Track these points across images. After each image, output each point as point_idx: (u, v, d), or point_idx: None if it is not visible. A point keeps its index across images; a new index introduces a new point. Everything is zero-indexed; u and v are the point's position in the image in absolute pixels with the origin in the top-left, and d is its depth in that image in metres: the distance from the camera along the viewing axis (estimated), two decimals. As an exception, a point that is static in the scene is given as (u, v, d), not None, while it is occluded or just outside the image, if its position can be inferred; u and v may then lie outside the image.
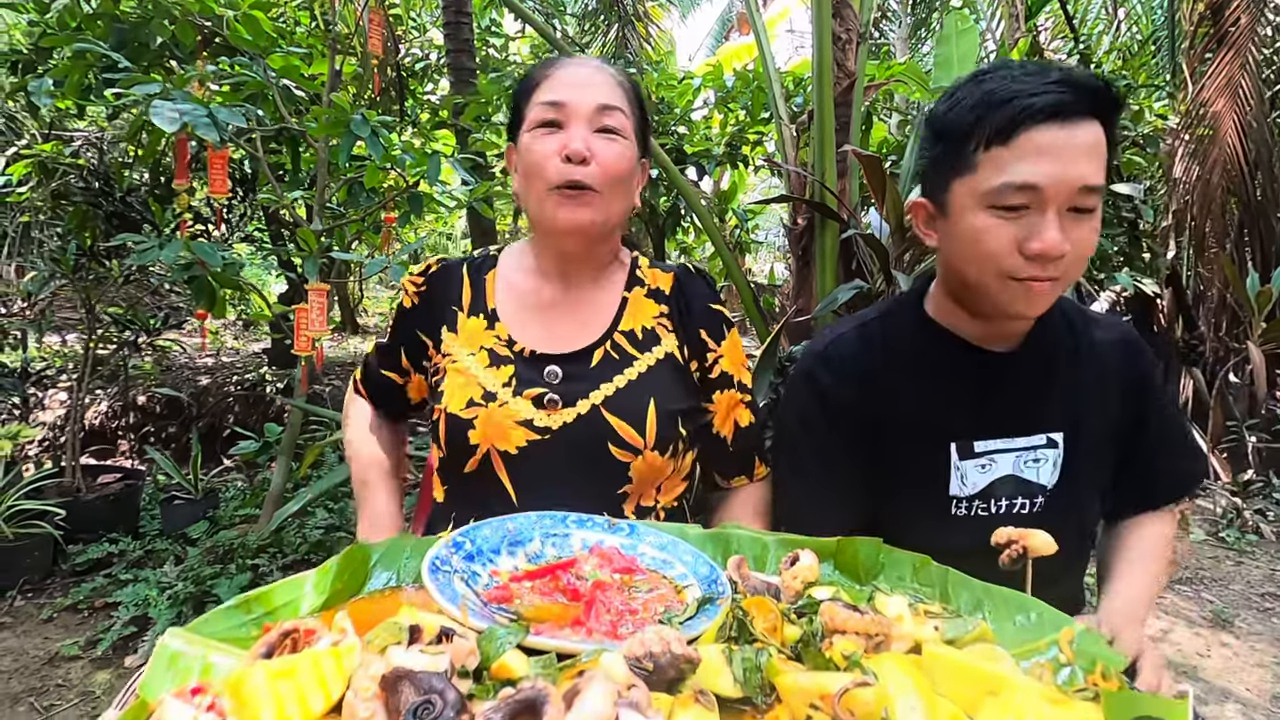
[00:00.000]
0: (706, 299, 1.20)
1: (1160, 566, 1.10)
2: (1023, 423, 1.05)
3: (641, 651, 0.50)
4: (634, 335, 1.14)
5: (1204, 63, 4.83)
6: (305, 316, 2.53)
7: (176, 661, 0.53)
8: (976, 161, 0.92)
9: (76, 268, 3.20)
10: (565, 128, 1.06)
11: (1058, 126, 0.88)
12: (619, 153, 1.07)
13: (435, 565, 0.69)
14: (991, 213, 0.91)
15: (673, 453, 1.10)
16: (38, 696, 2.31)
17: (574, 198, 1.05)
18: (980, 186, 0.92)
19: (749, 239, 6.10)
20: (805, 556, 0.75)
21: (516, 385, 1.08)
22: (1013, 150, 0.89)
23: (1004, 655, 0.56)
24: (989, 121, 0.90)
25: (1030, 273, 0.91)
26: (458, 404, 1.07)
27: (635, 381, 1.10)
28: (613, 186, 1.07)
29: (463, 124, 3.43)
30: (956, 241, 0.97)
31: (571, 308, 1.15)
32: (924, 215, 1.05)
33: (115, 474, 3.61)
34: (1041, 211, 0.89)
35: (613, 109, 1.08)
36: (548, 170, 1.05)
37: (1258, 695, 2.50)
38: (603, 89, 1.09)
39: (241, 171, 3.80)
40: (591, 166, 1.04)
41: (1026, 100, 0.88)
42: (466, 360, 1.11)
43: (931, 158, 1.00)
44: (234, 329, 7.04)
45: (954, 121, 0.94)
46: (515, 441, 1.05)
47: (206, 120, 2.18)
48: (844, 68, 3.14)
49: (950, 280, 1.05)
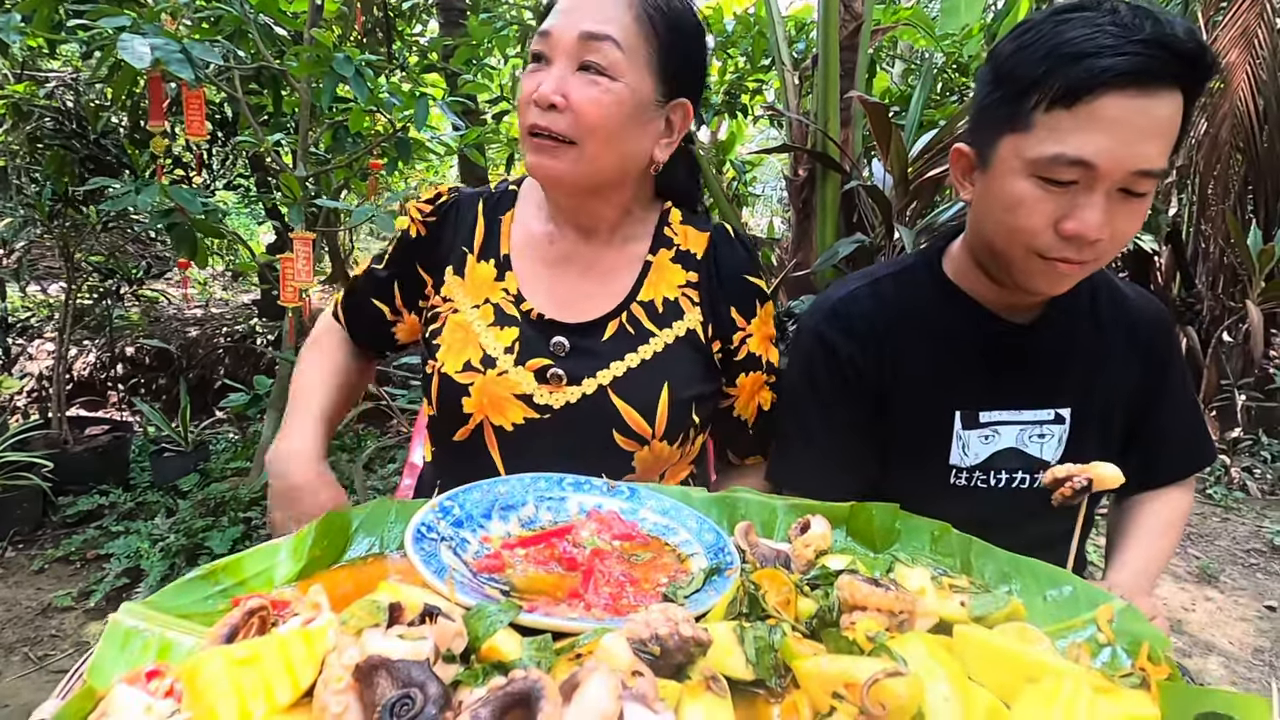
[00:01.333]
0: (743, 269, 1.07)
1: (1171, 540, 1.07)
2: (1032, 397, 1.01)
3: (647, 633, 0.45)
4: (653, 307, 1.02)
5: (1219, 12, 4.67)
6: (291, 266, 2.45)
7: (130, 641, 0.48)
8: (1033, 121, 0.82)
9: (53, 214, 3.10)
10: (551, 64, 0.91)
11: (1133, 95, 0.77)
12: (595, 97, 0.89)
13: (420, 533, 0.64)
14: (1035, 182, 0.83)
15: (682, 441, 1.01)
16: (32, 647, 2.32)
17: (545, 148, 0.92)
18: (1030, 151, 0.82)
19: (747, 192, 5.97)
20: (817, 523, 0.70)
21: (520, 352, 0.98)
22: (1076, 116, 0.79)
23: (1040, 636, 0.52)
24: (1056, 78, 0.79)
25: (1061, 253, 0.84)
26: (454, 364, 0.98)
27: (649, 362, 0.99)
28: (594, 136, 0.91)
29: (452, 67, 3.29)
30: (991, 202, 0.89)
31: (586, 266, 1.03)
32: (965, 164, 0.95)
33: (103, 426, 3.57)
34: (1089, 190, 0.81)
35: (600, 39, 0.89)
36: (527, 113, 0.92)
37: (1240, 649, 2.55)
38: (602, 12, 0.91)
39: (222, 114, 3.66)
40: (565, 114, 0.90)
41: (1106, 60, 0.76)
42: (469, 313, 1.01)
43: (985, 102, 0.90)
44: (223, 280, 6.92)
45: (1018, 67, 0.83)
46: (511, 417, 0.97)
47: (180, 57, 2.05)
48: (851, 10, 3.02)
49: (975, 240, 0.98)
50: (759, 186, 8.79)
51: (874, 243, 2.71)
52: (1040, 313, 1.00)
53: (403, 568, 0.64)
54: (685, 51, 0.97)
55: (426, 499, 0.72)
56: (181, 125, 2.61)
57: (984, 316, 1.00)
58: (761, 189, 9.42)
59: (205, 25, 2.53)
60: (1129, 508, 1.11)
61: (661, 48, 0.94)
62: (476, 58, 3.45)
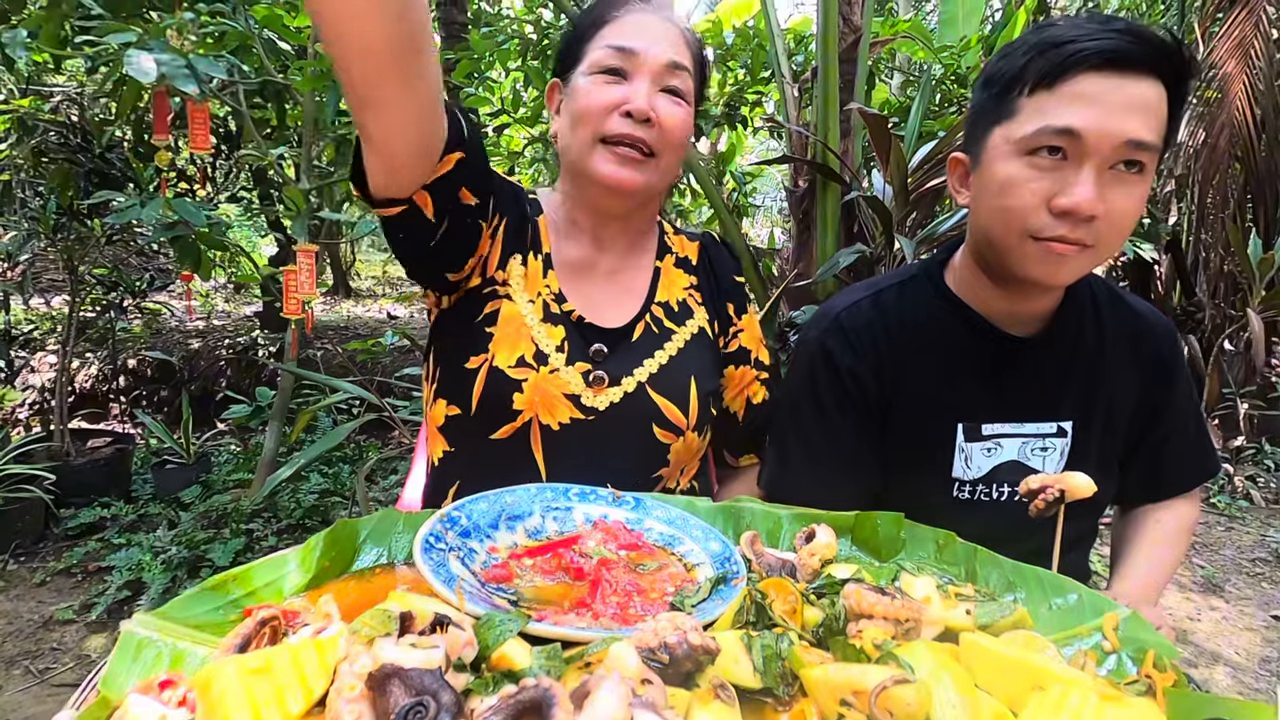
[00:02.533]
0: (733, 270, 1.16)
1: (1176, 552, 1.07)
2: (1035, 410, 1.01)
3: (655, 642, 0.45)
4: (669, 307, 1.08)
5: (1215, 22, 4.70)
6: (294, 279, 2.46)
7: (143, 651, 0.48)
8: (1018, 107, 0.86)
9: (57, 227, 3.12)
10: (630, 79, 0.97)
11: (1110, 74, 0.81)
12: (682, 118, 0.99)
13: (429, 543, 0.64)
14: (1025, 161, 0.85)
15: (706, 432, 1.06)
16: (33, 660, 2.30)
17: (628, 157, 0.97)
18: (1017, 132, 0.85)
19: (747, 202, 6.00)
20: (822, 532, 0.70)
21: (570, 352, 0.99)
22: (1056, 95, 0.82)
23: (1046, 644, 0.52)
24: (1037, 64, 0.83)
25: (1056, 232, 0.84)
26: (506, 358, 0.96)
27: (675, 358, 1.04)
28: (670, 152, 1.00)
29: (454, 81, 3.31)
30: (984, 193, 0.91)
31: (609, 275, 1.08)
32: (960, 171, 0.99)
33: (105, 438, 3.57)
34: (1078, 165, 0.82)
35: (681, 69, 0.99)
36: (606, 121, 0.96)
37: (1246, 659, 2.53)
38: (676, 45, 1.00)
39: (226, 128, 3.68)
40: (653, 128, 0.96)
41: (1081, 44, 0.81)
42: (525, 306, 1.00)
43: (975, 107, 0.94)
44: (225, 292, 6.94)
45: (1004, 68, 0.88)
46: (559, 417, 0.97)
47: (185, 71, 2.08)
48: (850, 22, 3.03)
49: (976, 242, 0.99)
50: (759, 197, 8.82)
51: (874, 253, 2.72)
52: (1043, 325, 1.00)
53: (411, 578, 0.64)
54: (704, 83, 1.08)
55: (434, 509, 0.72)
56: (186, 139, 2.63)
57: (986, 328, 1.00)
58: (762, 200, 9.45)
59: (210, 40, 2.55)
60: (1134, 519, 1.10)
61: (699, 80, 1.04)
62: (478, 71, 3.48)
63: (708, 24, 4.50)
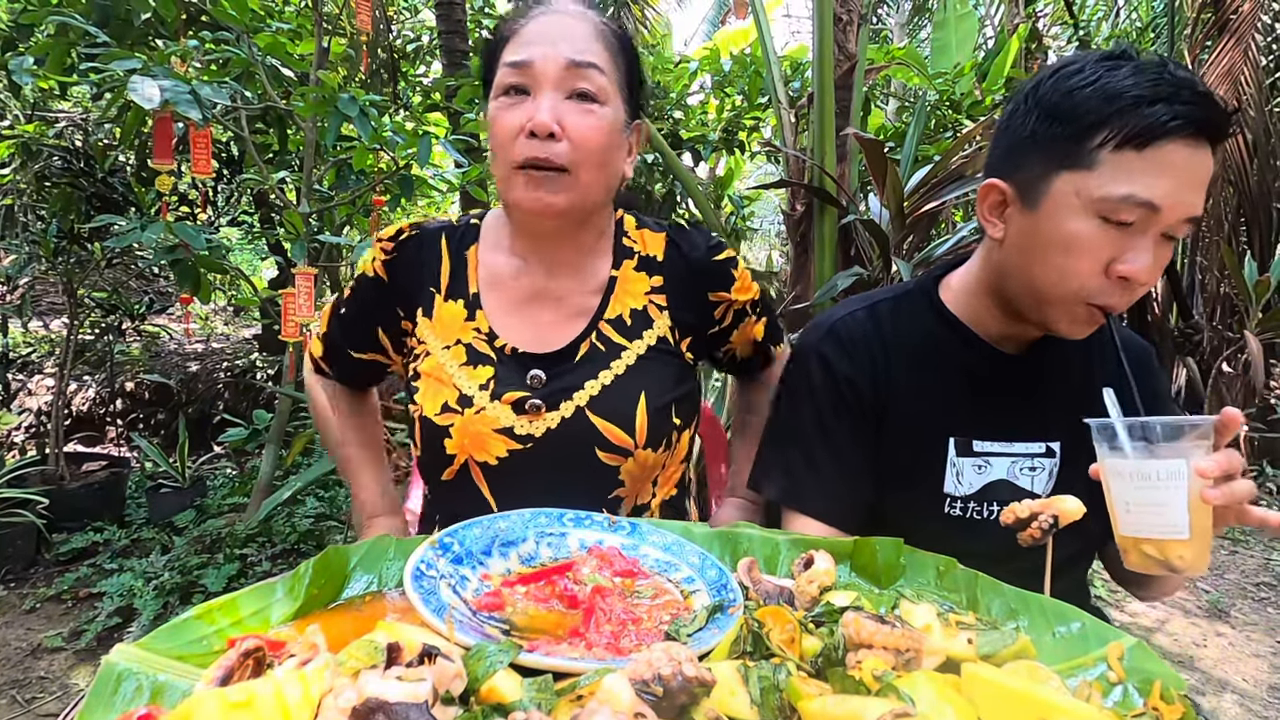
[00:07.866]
0: (708, 252, 1.07)
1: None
2: (1023, 429, 1.01)
3: (649, 674, 0.44)
4: (622, 322, 1.03)
5: (1205, 51, 4.77)
6: (293, 302, 2.47)
7: (122, 684, 0.47)
8: (1098, 160, 0.82)
9: (57, 251, 3.12)
10: (533, 94, 0.91)
11: (1194, 144, 0.80)
12: (593, 124, 0.91)
13: (420, 571, 0.63)
14: (1098, 222, 0.82)
15: (666, 445, 1.01)
16: (19, 689, 2.27)
17: (542, 179, 0.91)
18: (1096, 190, 0.82)
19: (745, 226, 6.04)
20: (821, 559, 0.69)
21: (495, 388, 0.98)
22: (1145, 159, 0.80)
23: (1050, 674, 0.51)
24: (1127, 120, 0.80)
25: (1105, 299, 0.84)
26: (432, 406, 0.98)
27: (623, 376, 1.00)
28: (588, 163, 0.92)
29: (455, 106, 3.35)
30: (1039, 241, 0.87)
31: (555, 299, 1.04)
32: (995, 199, 0.94)
33: (101, 461, 3.55)
34: (1143, 234, 0.81)
35: (587, 67, 0.91)
36: (514, 147, 0.90)
37: (1254, 685, 2.49)
38: (577, 41, 0.92)
39: (228, 153, 3.71)
40: (561, 143, 0.90)
41: (1174, 108, 0.78)
42: (441, 355, 1.00)
43: (1034, 137, 0.88)
44: (224, 314, 6.94)
45: (1078, 107, 0.83)
46: (494, 452, 0.97)
47: (188, 97, 2.10)
48: (845, 50, 3.07)
49: (1002, 277, 0.96)
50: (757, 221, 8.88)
51: (872, 276, 2.73)
52: (1033, 345, 1.01)
53: (401, 606, 0.63)
54: (639, 73, 1.00)
55: (426, 535, 0.71)
56: (188, 163, 2.65)
57: (978, 345, 1.01)
58: (759, 224, 9.51)
59: (214, 67, 2.58)
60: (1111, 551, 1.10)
61: (626, 71, 0.97)
62: (479, 97, 3.51)
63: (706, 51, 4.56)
